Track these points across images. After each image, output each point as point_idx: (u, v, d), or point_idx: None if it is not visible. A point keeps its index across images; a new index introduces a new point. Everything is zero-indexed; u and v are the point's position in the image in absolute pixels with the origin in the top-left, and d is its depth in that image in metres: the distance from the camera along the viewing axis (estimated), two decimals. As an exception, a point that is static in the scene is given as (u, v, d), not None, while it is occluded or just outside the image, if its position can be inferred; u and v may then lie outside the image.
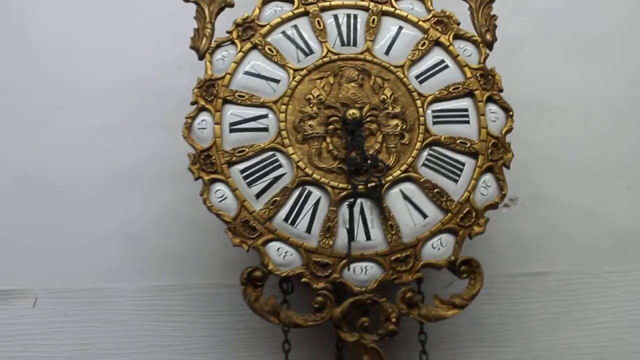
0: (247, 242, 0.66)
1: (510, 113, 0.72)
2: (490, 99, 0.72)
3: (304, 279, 0.66)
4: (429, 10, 0.74)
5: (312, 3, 0.73)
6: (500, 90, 0.72)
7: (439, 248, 0.67)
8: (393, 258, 0.67)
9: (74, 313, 0.81)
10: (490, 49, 0.75)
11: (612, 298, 0.84)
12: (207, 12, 0.74)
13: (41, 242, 0.83)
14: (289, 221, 0.67)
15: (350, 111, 0.68)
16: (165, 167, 0.84)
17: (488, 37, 0.74)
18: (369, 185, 0.66)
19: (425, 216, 0.68)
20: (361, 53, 0.72)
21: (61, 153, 0.85)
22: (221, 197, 0.67)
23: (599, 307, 0.83)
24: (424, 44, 0.73)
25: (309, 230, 0.67)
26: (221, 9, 0.74)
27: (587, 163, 0.87)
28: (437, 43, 0.73)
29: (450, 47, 0.73)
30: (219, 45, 0.72)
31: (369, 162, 0.66)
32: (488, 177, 0.70)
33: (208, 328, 0.81)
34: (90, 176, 0.85)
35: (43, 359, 0.80)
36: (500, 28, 0.76)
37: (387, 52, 0.72)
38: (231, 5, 0.74)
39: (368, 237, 0.67)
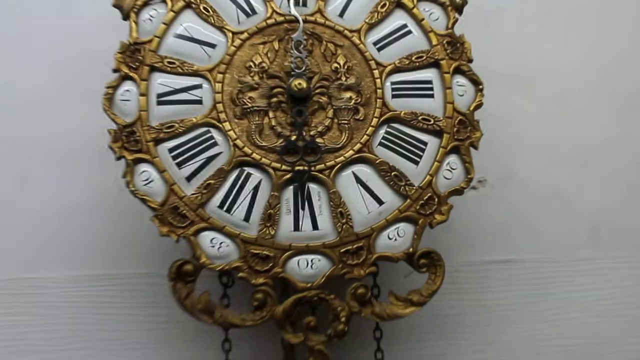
0: (176, 232, 0.59)
1: (480, 87, 0.65)
2: (457, 70, 0.65)
3: (241, 274, 0.59)
4: None
5: (255, -45, 0.64)
6: (470, 61, 0.65)
7: (396, 239, 0.61)
8: (343, 250, 0.61)
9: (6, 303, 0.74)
10: (460, 13, 0.67)
11: (581, 287, 0.80)
12: (132, -37, 0.64)
13: None
14: (225, 208, 0.60)
15: (296, 82, 0.60)
16: (92, 142, 0.75)
17: (457, -1, 0.66)
18: (296, 169, 0.59)
19: (380, 202, 0.61)
20: (311, 14, 0.63)
21: None
22: (147, 179, 0.59)
23: (567, 297, 0.80)
24: (384, 5, 0.65)
25: (247, 218, 0.60)
26: (150, -39, 0.65)
27: (561, 144, 0.83)
28: (399, 4, 0.66)
29: (414, 9, 0.66)
30: (146, 3, 0.63)
31: (302, 144, 0.59)
32: (453, 159, 0.63)
33: (144, 321, 0.75)
34: (8, 152, 0.76)
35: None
36: None
37: (341, 14, 0.65)
38: (162, -41, 0.65)
39: (315, 227, 0.60)
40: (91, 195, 0.76)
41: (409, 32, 0.65)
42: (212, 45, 0.63)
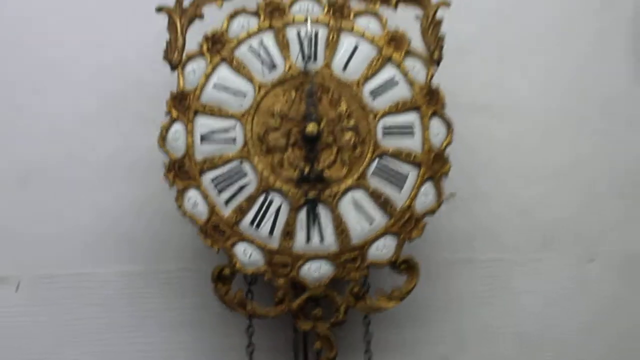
0: (217, 244, 0.74)
1: (451, 128, 0.80)
2: (434, 114, 0.79)
3: (266, 277, 0.75)
4: (384, 28, 0.80)
5: (276, 18, 0.78)
6: (443, 107, 0.80)
7: (383, 249, 0.77)
8: (343, 258, 0.76)
9: (56, 296, 0.88)
10: (438, 65, 0.81)
11: (531, 283, 0.96)
12: (178, 24, 0.78)
13: (22, 231, 0.88)
14: (254, 225, 0.75)
15: (310, 125, 0.75)
16: (137, 159, 0.90)
17: (436, 55, 0.81)
18: (308, 195, 0.75)
19: (372, 221, 0.77)
20: (321, 69, 0.77)
21: (38, 138, 0.89)
22: (194, 203, 0.75)
23: (519, 291, 0.95)
24: (378, 60, 0.79)
25: (271, 233, 0.75)
26: (191, 21, 0.79)
27: (520, 165, 0.97)
28: (389, 60, 0.79)
29: (402, 64, 0.79)
30: (190, 58, 0.77)
31: (313, 175, 0.75)
32: (428, 187, 0.78)
33: (179, 307, 0.89)
34: (68, 163, 0.90)
35: (30, 339, 0.87)
36: (451, 34, 0.82)
37: (344, 68, 0.78)
38: (201, 17, 0.79)
39: (322, 240, 0.76)
40: (135, 203, 0.90)
41: (397, 83, 0.79)
42: (243, 94, 0.76)
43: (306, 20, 0.78)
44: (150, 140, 0.80)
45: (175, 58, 0.77)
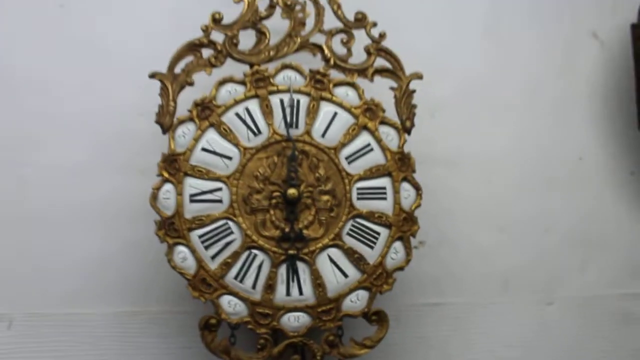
0: (204, 296, 0.81)
1: (420, 192, 0.87)
2: (404, 179, 0.86)
3: (249, 326, 0.81)
4: (361, 98, 0.87)
5: (261, 87, 0.85)
6: (414, 171, 0.87)
7: (356, 302, 0.84)
8: (320, 310, 0.83)
9: (48, 334, 0.93)
10: (409, 134, 0.88)
11: (492, 323, 1.04)
12: (170, 90, 0.84)
13: (16, 271, 0.93)
14: (238, 279, 0.81)
15: (290, 190, 0.82)
16: (125, 206, 0.95)
17: (408, 124, 0.89)
18: (289, 252, 0.82)
19: (346, 276, 0.83)
20: (301, 135, 0.84)
21: (36, 187, 0.95)
22: (183, 258, 0.81)
23: (481, 331, 1.04)
24: (354, 128, 0.85)
25: (254, 286, 0.81)
26: (182, 87, 0.85)
27: (485, 215, 1.06)
28: (365, 128, 0.86)
29: (376, 132, 0.86)
30: (180, 122, 0.83)
31: (293, 234, 0.82)
32: (398, 245, 0.85)
33: (165, 346, 0.95)
34: (62, 209, 0.95)
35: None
36: (423, 91, 0.90)
37: (323, 135, 0.85)
38: (191, 84, 0.86)
39: (301, 293, 0.82)
40: (124, 246, 0.95)
41: (371, 149, 0.85)
42: (229, 158, 0.82)
43: (289, 89, 0.86)
44: (139, 187, 0.87)
45: (166, 122, 0.83)
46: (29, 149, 0.96)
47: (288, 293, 0.82)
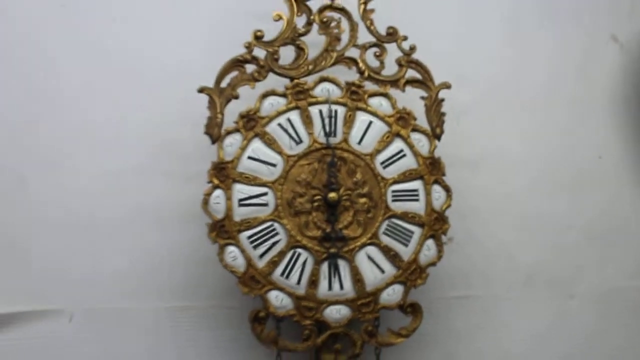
0: (253, 292, 0.88)
1: (450, 193, 0.94)
2: (435, 182, 0.92)
3: (295, 318, 0.88)
4: (393, 107, 0.93)
5: (301, 99, 0.92)
6: (444, 175, 0.94)
7: (392, 295, 0.90)
8: (359, 303, 0.89)
9: (105, 327, 1.00)
10: (439, 139, 0.95)
11: (516, 316, 1.10)
12: (217, 103, 0.91)
13: (78, 268, 1.00)
14: (284, 276, 0.88)
15: (331, 193, 0.89)
16: (176, 208, 1.02)
17: (438, 130, 0.95)
18: (330, 251, 0.88)
19: (383, 272, 0.90)
20: (339, 143, 0.91)
21: (95, 193, 1.01)
22: (233, 257, 0.88)
23: (507, 322, 1.10)
24: (388, 136, 0.92)
25: (298, 282, 0.88)
26: (228, 100, 0.92)
27: (509, 213, 1.11)
28: (398, 135, 0.92)
29: (409, 139, 0.92)
30: (228, 133, 0.90)
31: (333, 235, 0.88)
32: (430, 242, 0.92)
33: (214, 338, 1.02)
34: (120, 213, 1.02)
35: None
36: (449, 98, 0.95)
37: (359, 142, 0.90)
38: (237, 97, 0.92)
39: (342, 288, 0.89)
40: (175, 247, 1.01)
41: (404, 155, 0.91)
42: (274, 165, 0.88)
43: (327, 101, 0.93)
44: (186, 192, 0.95)
45: (215, 133, 0.91)
46: (91, 156, 1.02)
47: (330, 288, 0.89)
